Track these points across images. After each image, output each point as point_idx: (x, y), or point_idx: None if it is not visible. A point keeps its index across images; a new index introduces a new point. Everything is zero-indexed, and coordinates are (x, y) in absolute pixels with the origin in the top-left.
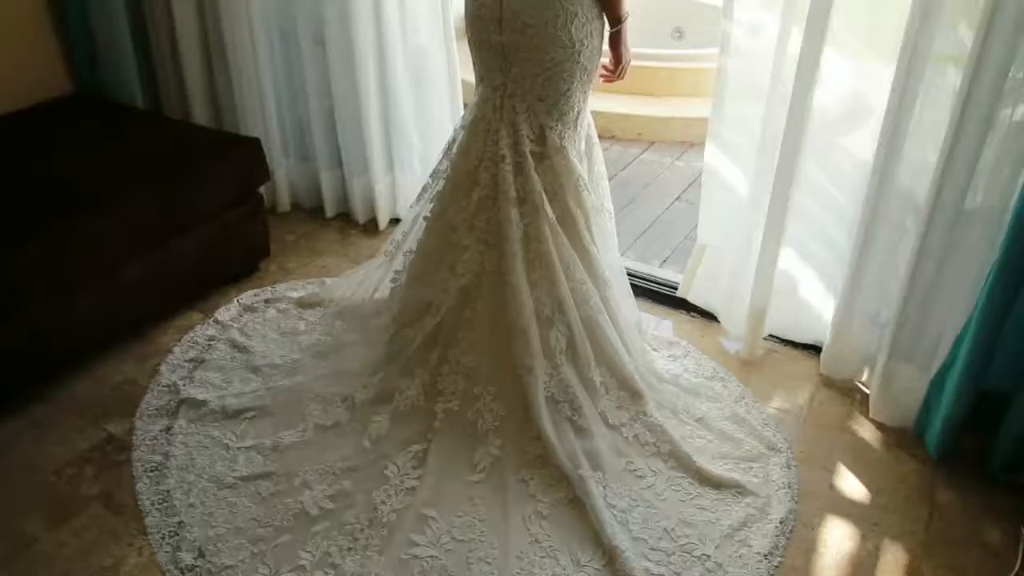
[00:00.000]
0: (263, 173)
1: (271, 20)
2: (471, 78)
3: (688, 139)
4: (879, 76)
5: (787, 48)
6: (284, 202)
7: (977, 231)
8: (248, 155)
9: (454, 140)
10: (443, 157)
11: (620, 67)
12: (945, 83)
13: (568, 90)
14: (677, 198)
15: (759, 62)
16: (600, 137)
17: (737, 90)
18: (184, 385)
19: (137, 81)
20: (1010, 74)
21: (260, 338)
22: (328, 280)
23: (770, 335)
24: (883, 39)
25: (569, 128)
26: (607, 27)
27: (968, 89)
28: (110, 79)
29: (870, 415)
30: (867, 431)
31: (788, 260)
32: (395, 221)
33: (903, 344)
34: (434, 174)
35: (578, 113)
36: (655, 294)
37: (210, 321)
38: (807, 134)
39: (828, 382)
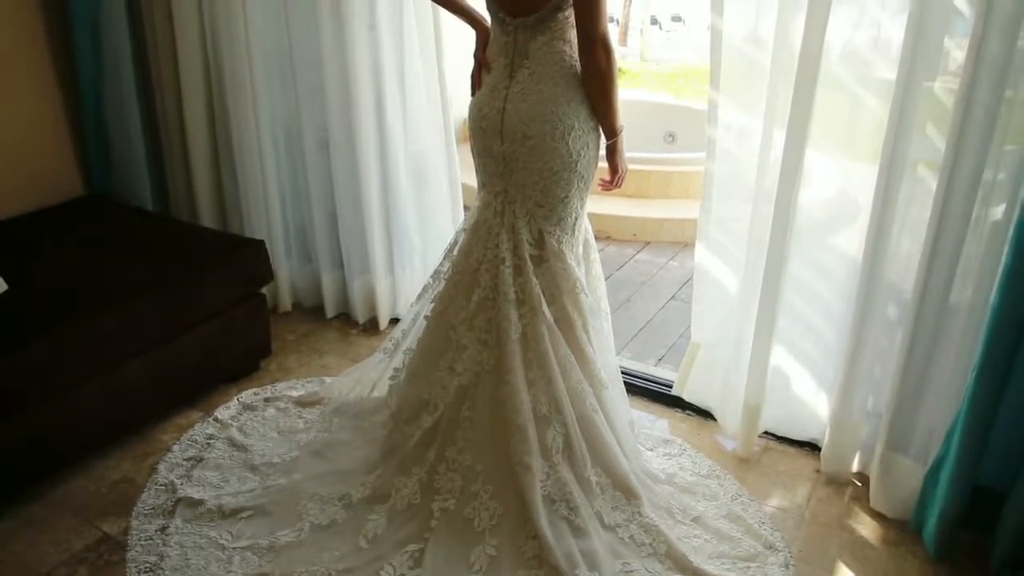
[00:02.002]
0: (266, 274)
1: (278, 126)
2: (471, 181)
3: (682, 239)
4: (862, 176)
5: (771, 151)
6: (286, 302)
7: (962, 325)
8: (252, 256)
9: (456, 242)
10: (444, 259)
11: (617, 177)
12: (925, 185)
13: (566, 197)
14: (672, 297)
15: (744, 165)
16: (596, 238)
17: (724, 192)
18: (181, 484)
19: (148, 184)
20: (984, 176)
21: (259, 437)
22: (328, 379)
23: (765, 432)
24: (861, 143)
25: (567, 233)
26: (604, 138)
27: (945, 191)
28: (122, 182)
29: (871, 505)
30: (867, 528)
31: (780, 357)
32: (395, 321)
33: (898, 436)
34: (435, 275)
35: (576, 219)
36: (651, 393)
37: (210, 419)
38: (794, 233)
39: (826, 479)
